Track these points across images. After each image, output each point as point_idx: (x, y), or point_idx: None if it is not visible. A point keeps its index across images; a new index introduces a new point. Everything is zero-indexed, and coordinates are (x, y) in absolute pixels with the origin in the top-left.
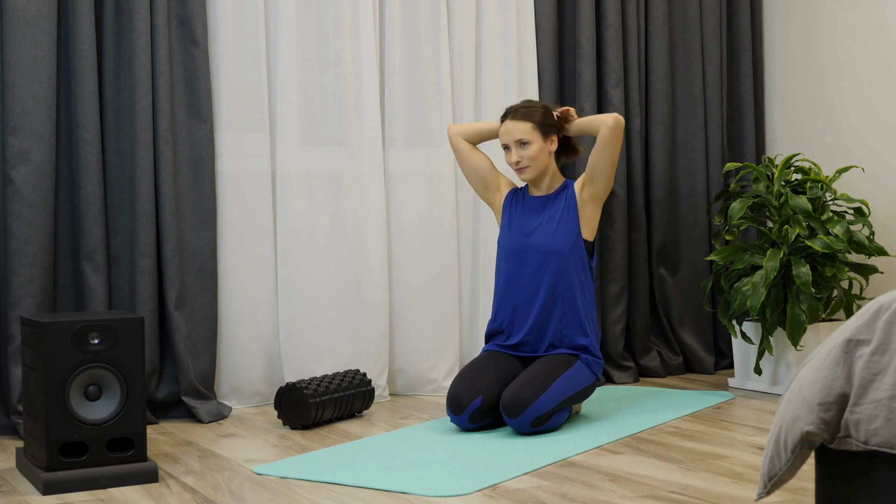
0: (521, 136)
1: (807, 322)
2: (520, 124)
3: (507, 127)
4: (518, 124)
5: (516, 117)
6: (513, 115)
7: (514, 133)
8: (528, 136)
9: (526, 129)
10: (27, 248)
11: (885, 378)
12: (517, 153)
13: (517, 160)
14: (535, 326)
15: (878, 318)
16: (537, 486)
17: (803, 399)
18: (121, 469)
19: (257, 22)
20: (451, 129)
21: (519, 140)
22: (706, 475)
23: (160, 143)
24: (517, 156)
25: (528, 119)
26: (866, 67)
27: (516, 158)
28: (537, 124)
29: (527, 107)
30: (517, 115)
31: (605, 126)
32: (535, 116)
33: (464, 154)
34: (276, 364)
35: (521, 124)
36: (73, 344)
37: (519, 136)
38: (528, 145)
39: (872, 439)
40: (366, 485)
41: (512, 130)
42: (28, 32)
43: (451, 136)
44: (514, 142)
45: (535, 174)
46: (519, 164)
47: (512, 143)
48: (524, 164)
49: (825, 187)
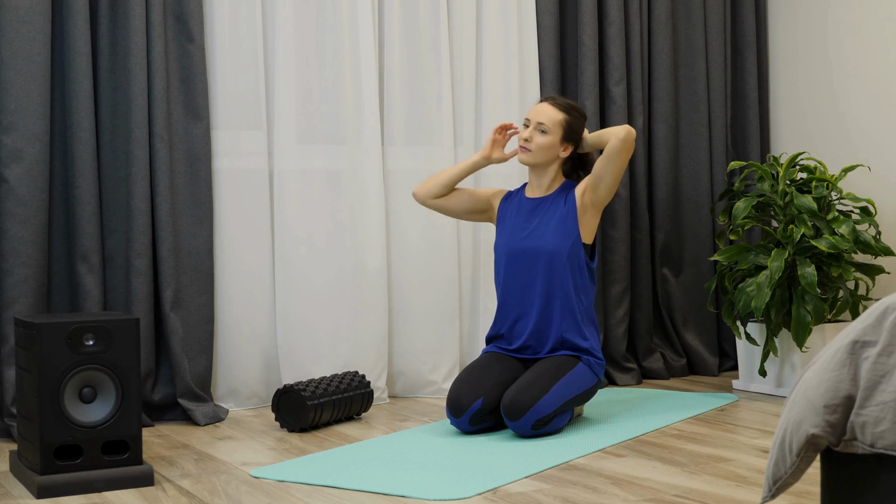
0: (545, 121)
1: (812, 323)
2: (552, 111)
3: (539, 106)
4: (551, 110)
5: (555, 104)
6: (553, 101)
7: (541, 115)
8: (550, 126)
9: (555, 118)
10: (21, 247)
11: (892, 380)
12: (531, 132)
13: (527, 137)
14: (536, 330)
15: (885, 319)
16: (539, 490)
17: (808, 401)
18: (116, 472)
19: (254, 18)
20: (417, 194)
21: (541, 123)
22: (710, 478)
23: (156, 141)
24: (529, 134)
25: (564, 111)
26: (872, 65)
27: (527, 135)
28: (566, 124)
29: (570, 105)
30: (557, 103)
31: (615, 138)
32: (571, 114)
33: (442, 209)
34: (273, 366)
35: (553, 111)
36: (67, 345)
37: (543, 119)
38: (546, 135)
39: (879, 442)
40: (364, 488)
41: (540, 111)
42: (22, 29)
43: (419, 201)
44: (537, 122)
45: (533, 162)
46: (528, 143)
47: (533, 122)
48: (530, 147)
49: (831, 186)
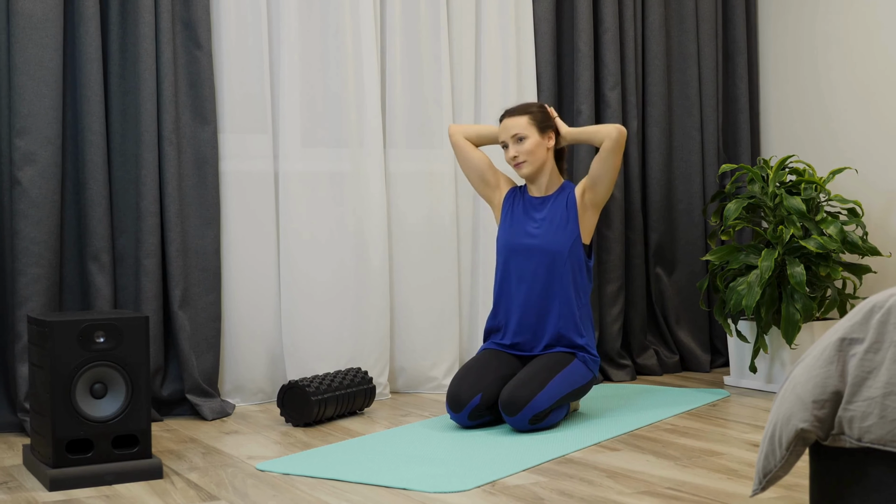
0: (517, 131)
1: (801, 321)
2: (516, 119)
3: (505, 124)
4: (514, 119)
5: (512, 114)
6: (509, 113)
7: (511, 128)
8: (524, 131)
9: (522, 123)
10: (34, 248)
11: (879, 376)
12: (514, 148)
13: (514, 155)
14: (533, 325)
15: (872, 317)
16: (536, 483)
17: (798, 397)
18: (126, 466)
19: (260, 25)
20: (452, 128)
21: (516, 135)
22: (702, 472)
23: (165, 144)
24: (514, 151)
25: (525, 113)
26: (859, 70)
27: (513, 153)
28: (534, 119)
29: (522, 104)
30: (513, 111)
31: (608, 139)
32: (531, 111)
33: (464, 152)
34: (278, 362)
35: (517, 119)
36: (78, 342)
37: (515, 130)
38: (525, 140)
39: (866, 436)
40: (367, 481)
41: (509, 126)
42: (35, 36)
43: (451, 134)
44: (511, 137)
45: (533, 169)
46: (516, 158)
47: (509, 139)
48: (522, 159)
49: (819, 188)
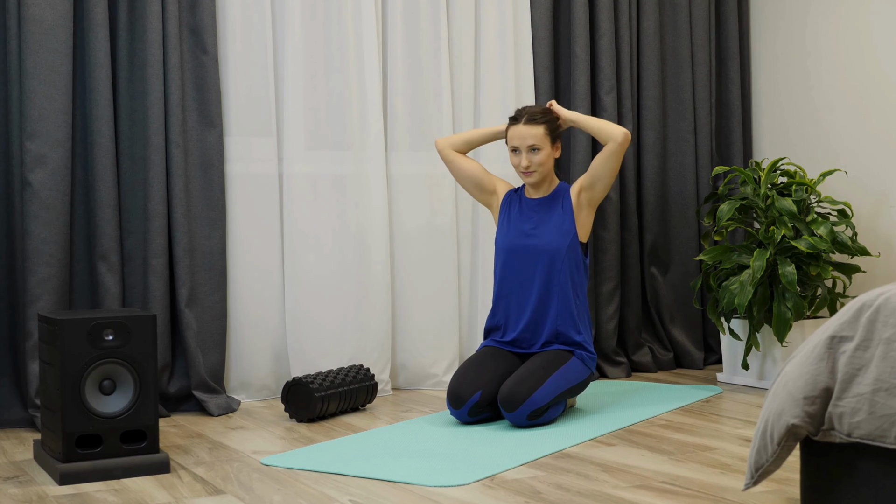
0: (534, 142)
1: (792, 319)
2: (533, 129)
3: (521, 131)
4: (532, 129)
5: (530, 122)
6: (527, 120)
7: (528, 138)
8: (540, 143)
9: (539, 134)
10: (44, 248)
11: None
12: (527, 158)
13: (527, 164)
14: (532, 323)
15: (861, 315)
16: (534, 477)
17: (789, 393)
18: (134, 460)
19: (265, 31)
20: (439, 142)
21: (532, 146)
22: (696, 466)
23: (172, 147)
24: (527, 160)
25: (542, 123)
26: (849, 75)
27: (526, 163)
28: (549, 129)
29: (540, 113)
30: (532, 119)
31: (613, 141)
32: (548, 121)
33: (454, 164)
34: (283, 359)
35: (534, 129)
36: (88, 340)
37: (532, 141)
38: (539, 151)
39: (855, 432)
40: (369, 475)
41: (525, 135)
42: (45, 41)
43: (439, 149)
44: (527, 147)
45: (541, 178)
46: (528, 168)
47: (524, 148)
48: (533, 169)
49: (810, 190)
